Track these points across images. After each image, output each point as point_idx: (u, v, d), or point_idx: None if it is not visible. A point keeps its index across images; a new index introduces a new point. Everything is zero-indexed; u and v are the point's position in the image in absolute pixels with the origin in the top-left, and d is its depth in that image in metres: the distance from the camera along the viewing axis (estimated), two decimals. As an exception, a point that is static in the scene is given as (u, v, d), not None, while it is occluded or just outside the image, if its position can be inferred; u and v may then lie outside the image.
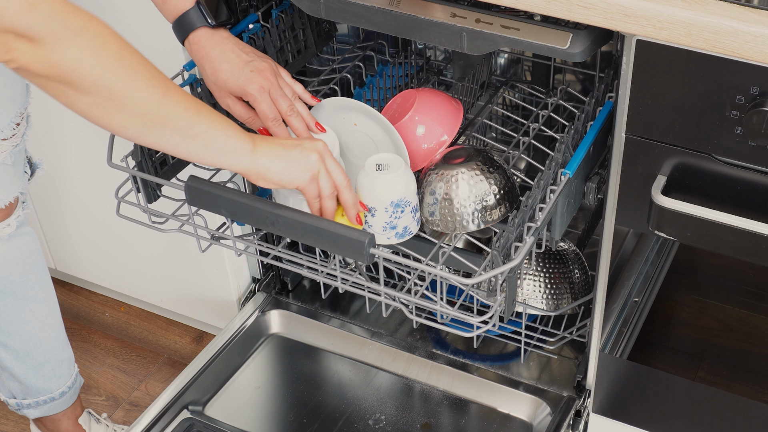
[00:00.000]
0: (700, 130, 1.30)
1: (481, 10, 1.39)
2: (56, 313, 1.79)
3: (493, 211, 1.38)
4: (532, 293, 1.72)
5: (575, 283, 1.75)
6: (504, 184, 1.39)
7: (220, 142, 1.23)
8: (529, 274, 1.72)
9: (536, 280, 1.72)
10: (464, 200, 1.37)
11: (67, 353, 1.83)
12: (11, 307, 1.69)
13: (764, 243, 1.32)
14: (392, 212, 1.34)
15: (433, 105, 1.49)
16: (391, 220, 1.35)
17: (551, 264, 1.74)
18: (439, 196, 1.38)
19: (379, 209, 1.34)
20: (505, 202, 1.39)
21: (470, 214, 1.37)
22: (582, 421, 1.73)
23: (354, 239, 1.24)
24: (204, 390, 1.80)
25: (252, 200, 1.30)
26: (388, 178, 1.33)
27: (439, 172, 1.39)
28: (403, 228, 1.36)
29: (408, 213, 1.35)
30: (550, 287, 1.72)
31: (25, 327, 1.72)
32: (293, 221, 1.28)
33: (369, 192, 1.34)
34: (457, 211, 1.37)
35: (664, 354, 1.75)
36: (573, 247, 1.79)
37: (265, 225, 1.29)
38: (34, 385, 1.78)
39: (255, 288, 1.99)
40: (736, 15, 1.18)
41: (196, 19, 1.40)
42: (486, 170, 1.38)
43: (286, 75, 1.44)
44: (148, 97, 1.15)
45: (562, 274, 1.74)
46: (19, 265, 1.67)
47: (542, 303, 1.72)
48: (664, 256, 1.83)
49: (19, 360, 1.74)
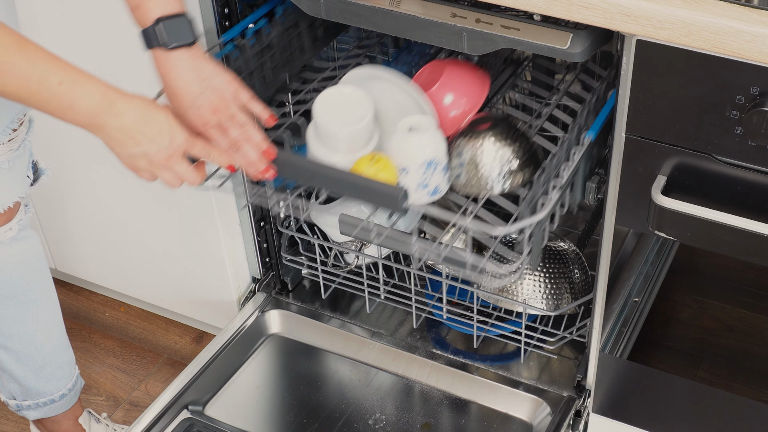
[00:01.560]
0: (700, 130, 1.30)
1: (481, 10, 1.39)
2: (57, 317, 1.78)
3: (516, 175, 1.44)
4: (532, 293, 1.72)
5: (575, 283, 1.75)
6: (527, 150, 1.46)
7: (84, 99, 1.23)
8: (529, 273, 1.73)
9: (536, 281, 1.72)
10: (489, 164, 1.44)
11: (68, 356, 1.83)
12: (12, 310, 1.69)
13: (764, 243, 1.32)
14: (424, 171, 1.42)
15: (460, 75, 1.55)
16: (423, 179, 1.43)
17: (551, 264, 1.74)
18: (466, 160, 1.44)
19: (411, 169, 1.42)
20: (528, 167, 1.46)
21: (495, 178, 1.44)
22: (582, 421, 1.73)
23: (389, 193, 1.32)
24: (204, 390, 1.80)
25: (293, 157, 1.37)
26: (421, 138, 1.41)
27: (466, 137, 1.46)
28: (434, 187, 1.45)
29: (439, 172, 1.44)
30: (550, 287, 1.73)
31: (25, 330, 1.72)
32: (333, 176, 1.35)
33: (402, 152, 1.42)
34: (482, 174, 1.44)
35: (664, 354, 1.75)
36: (573, 247, 1.79)
37: (304, 180, 1.36)
38: (34, 387, 1.78)
39: (255, 288, 1.99)
40: (736, 15, 1.18)
41: (151, 39, 1.32)
42: (510, 136, 1.45)
43: (245, 95, 1.38)
44: None
45: (562, 274, 1.74)
46: (20, 268, 1.67)
47: (542, 303, 1.73)
48: (664, 256, 1.83)
49: (19, 362, 1.74)
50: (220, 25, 1.63)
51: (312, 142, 1.50)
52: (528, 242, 1.38)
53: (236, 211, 1.88)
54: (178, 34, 1.31)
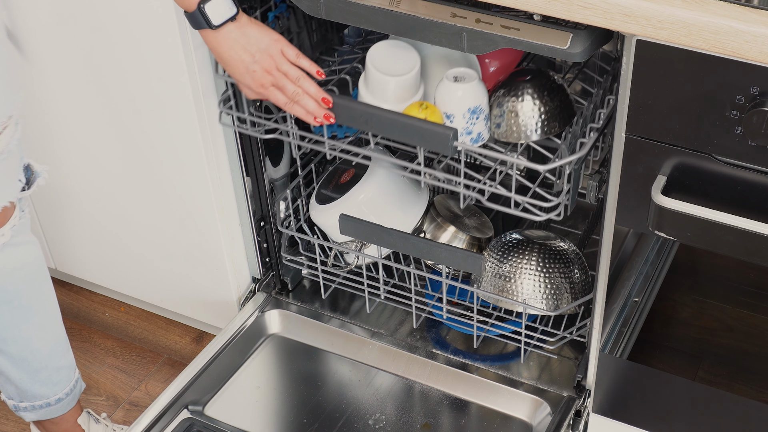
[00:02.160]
0: (700, 130, 1.30)
1: (481, 10, 1.39)
2: (56, 321, 1.77)
3: (552, 123, 1.55)
4: (532, 293, 1.73)
5: (575, 283, 1.75)
6: (562, 100, 1.57)
7: None
8: (530, 272, 1.73)
9: (536, 280, 1.73)
10: (528, 113, 1.54)
11: (66, 360, 1.81)
12: (7, 314, 1.67)
13: (764, 243, 1.32)
14: (468, 118, 1.52)
15: None
16: (467, 126, 1.53)
17: (551, 264, 1.74)
18: (506, 109, 1.55)
19: (457, 116, 1.52)
20: (563, 117, 1.56)
21: (533, 125, 1.54)
22: (582, 421, 1.73)
23: (440, 132, 1.43)
24: (204, 390, 1.80)
25: (349, 101, 1.49)
26: (465, 86, 1.51)
27: (506, 88, 1.56)
28: (477, 134, 1.54)
29: (482, 120, 1.54)
30: (550, 287, 1.73)
31: (21, 334, 1.71)
32: (385, 119, 1.46)
33: (448, 100, 1.52)
34: (521, 122, 1.54)
35: (664, 354, 1.75)
36: (573, 247, 1.79)
37: (359, 123, 1.47)
38: (30, 390, 1.77)
39: (255, 288, 1.99)
40: (736, 15, 1.18)
41: (198, 21, 1.45)
42: (548, 88, 1.55)
43: (291, 51, 1.50)
44: None
45: (563, 274, 1.74)
46: (14, 274, 1.65)
47: (542, 303, 1.73)
48: (664, 256, 1.83)
49: (15, 365, 1.74)
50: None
51: (363, 93, 1.60)
52: (567, 180, 1.48)
53: (236, 211, 1.88)
54: (221, 11, 1.45)
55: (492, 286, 1.75)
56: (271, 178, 1.86)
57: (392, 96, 1.57)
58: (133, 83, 1.73)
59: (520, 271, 1.74)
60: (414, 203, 1.80)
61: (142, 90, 1.73)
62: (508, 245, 1.77)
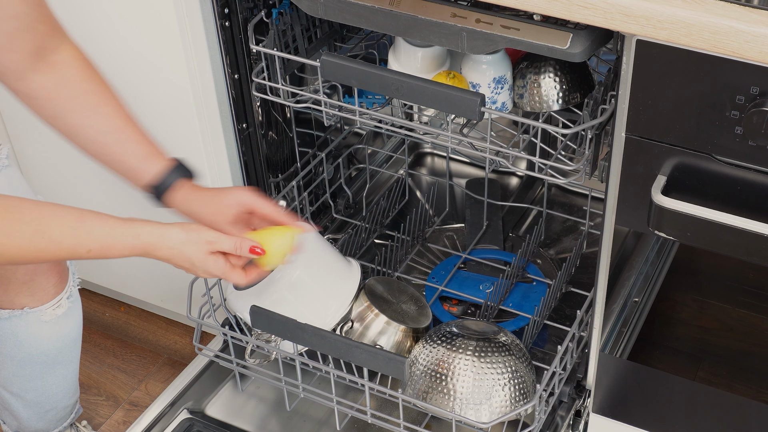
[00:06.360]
0: (700, 130, 1.30)
1: (481, 10, 1.39)
2: (76, 369, 1.75)
3: (573, 94, 1.62)
4: (469, 394, 1.58)
5: (516, 384, 1.61)
6: (582, 72, 1.64)
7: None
8: (465, 371, 1.59)
9: (473, 379, 1.58)
10: (549, 84, 1.61)
11: (74, 398, 1.81)
12: (37, 371, 1.67)
13: (764, 243, 1.32)
14: (494, 88, 1.59)
15: None
16: (492, 95, 1.60)
17: (491, 360, 1.60)
18: (529, 81, 1.62)
19: (482, 85, 1.59)
20: (583, 87, 1.63)
21: (555, 96, 1.61)
22: (582, 421, 1.73)
23: (468, 98, 1.45)
24: (204, 390, 1.80)
25: (380, 70, 1.50)
26: (491, 57, 1.57)
27: (530, 60, 1.62)
28: (501, 103, 1.62)
29: (506, 90, 1.61)
30: (489, 387, 1.59)
31: (43, 385, 1.70)
32: (415, 86, 1.47)
33: (474, 70, 1.58)
34: (543, 93, 1.61)
35: (664, 354, 1.75)
36: (516, 341, 1.66)
37: (390, 91, 1.49)
38: (34, 426, 1.77)
39: (255, 288, 1.98)
40: (736, 15, 1.18)
41: (160, 189, 1.45)
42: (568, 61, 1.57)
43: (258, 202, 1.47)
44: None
45: (502, 372, 1.60)
46: (59, 341, 1.65)
47: (478, 407, 1.58)
48: (664, 256, 1.83)
49: (27, 408, 1.73)
50: (220, 25, 1.63)
51: (392, 64, 1.65)
52: (589, 144, 1.51)
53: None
54: (179, 173, 1.44)
55: (421, 383, 1.60)
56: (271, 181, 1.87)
57: (421, 66, 1.62)
58: (133, 83, 1.73)
59: (454, 369, 1.58)
60: (342, 286, 1.65)
61: (143, 90, 1.73)
62: (444, 337, 1.63)
